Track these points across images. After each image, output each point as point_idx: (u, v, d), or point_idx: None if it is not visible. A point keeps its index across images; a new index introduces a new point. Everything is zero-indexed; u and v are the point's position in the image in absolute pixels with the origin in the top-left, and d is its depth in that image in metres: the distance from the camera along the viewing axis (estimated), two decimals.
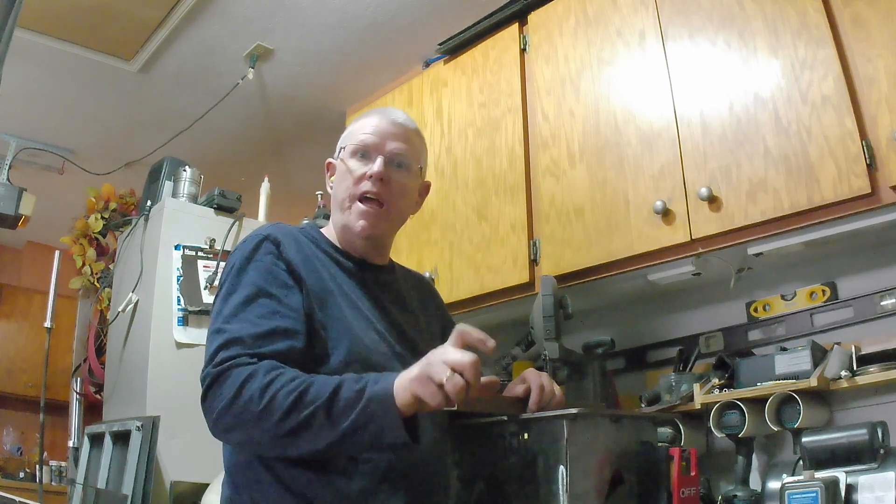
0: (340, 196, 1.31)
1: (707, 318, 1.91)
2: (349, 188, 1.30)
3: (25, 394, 4.84)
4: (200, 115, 3.17)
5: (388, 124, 1.33)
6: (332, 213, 1.36)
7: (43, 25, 2.67)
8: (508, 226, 2.03)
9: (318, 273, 1.24)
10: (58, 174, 3.67)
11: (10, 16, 1.49)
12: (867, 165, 1.39)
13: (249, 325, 1.11)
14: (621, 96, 1.86)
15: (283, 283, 1.18)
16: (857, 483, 1.29)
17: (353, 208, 1.29)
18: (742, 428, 1.56)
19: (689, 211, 1.64)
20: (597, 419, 1.35)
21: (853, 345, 1.55)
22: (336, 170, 1.36)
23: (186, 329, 2.21)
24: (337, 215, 1.33)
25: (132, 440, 1.97)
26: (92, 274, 3.23)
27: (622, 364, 2.05)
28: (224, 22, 2.67)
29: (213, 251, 2.34)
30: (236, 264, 1.20)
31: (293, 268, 1.20)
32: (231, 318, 1.13)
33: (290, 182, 3.68)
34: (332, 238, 1.35)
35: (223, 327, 1.12)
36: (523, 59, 2.15)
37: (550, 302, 1.75)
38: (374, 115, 1.35)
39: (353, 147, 1.31)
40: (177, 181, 2.49)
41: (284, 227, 1.29)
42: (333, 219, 1.36)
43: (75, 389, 3.21)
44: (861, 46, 1.45)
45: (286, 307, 1.15)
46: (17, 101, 3.11)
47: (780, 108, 1.54)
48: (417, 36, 2.69)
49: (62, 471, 4.44)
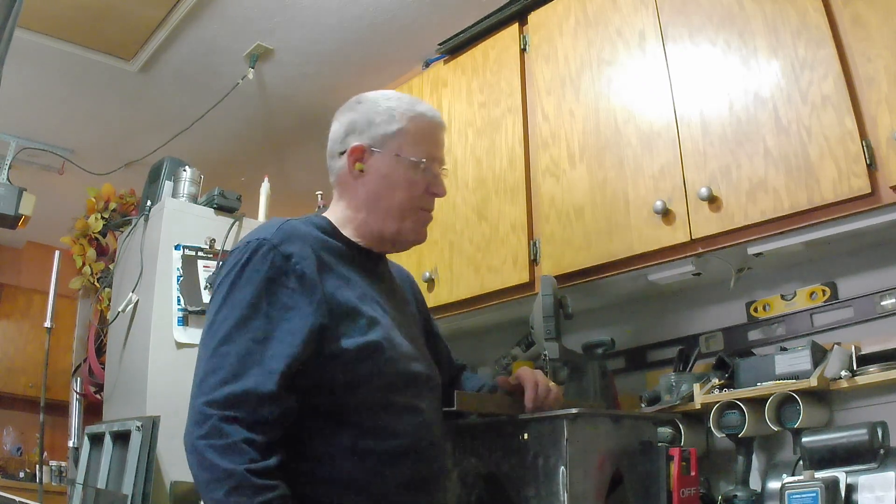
0: (392, 203, 1.25)
1: (707, 318, 1.91)
2: (412, 199, 1.26)
3: (25, 394, 4.83)
4: (200, 115, 3.17)
5: (443, 132, 1.33)
6: (363, 212, 1.26)
7: (43, 25, 2.67)
8: (508, 226, 2.03)
9: (336, 272, 1.18)
10: (58, 174, 3.67)
11: (10, 16, 1.49)
12: (867, 165, 1.39)
13: (258, 376, 1.04)
14: (621, 96, 1.86)
15: (283, 304, 1.10)
16: (857, 483, 1.29)
17: (417, 218, 1.28)
18: (742, 428, 1.56)
19: (689, 211, 1.64)
20: (597, 419, 1.35)
21: (853, 345, 1.55)
22: (381, 167, 1.25)
23: (186, 329, 2.21)
24: (374, 220, 1.26)
25: (132, 440, 1.97)
26: (92, 274, 3.23)
27: (622, 364, 2.05)
28: (224, 22, 2.67)
29: (213, 251, 2.34)
30: (232, 273, 1.12)
31: (305, 278, 1.12)
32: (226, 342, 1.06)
33: (290, 182, 3.69)
34: (342, 229, 1.27)
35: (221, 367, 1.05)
36: (523, 59, 2.15)
37: (550, 302, 1.75)
38: (432, 121, 1.31)
39: (419, 161, 1.25)
40: (177, 181, 2.49)
41: (290, 226, 1.18)
42: (363, 218, 1.26)
43: (75, 389, 3.21)
44: (861, 46, 1.45)
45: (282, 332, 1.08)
46: (17, 101, 3.11)
47: (780, 108, 1.54)
48: (417, 36, 2.69)
49: (62, 471, 4.44)
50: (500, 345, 2.28)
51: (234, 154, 3.64)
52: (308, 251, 1.15)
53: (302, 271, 1.12)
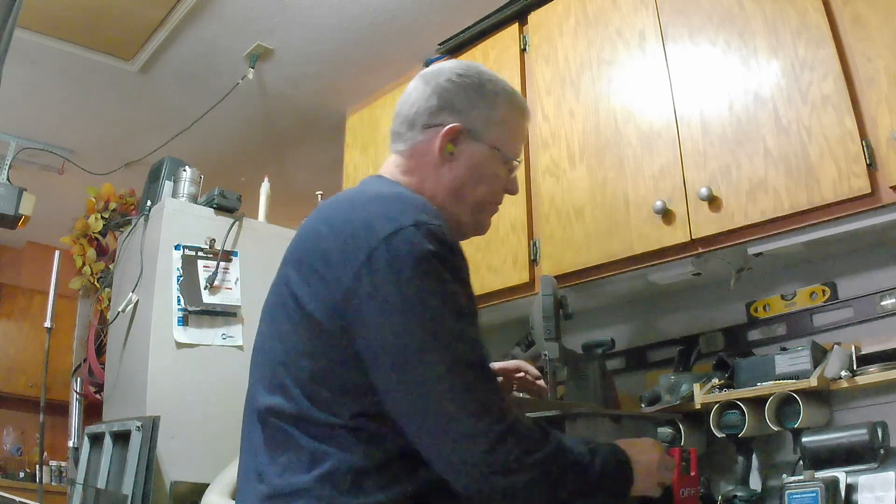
0: (476, 197, 1.17)
1: (707, 318, 1.91)
2: (493, 194, 1.20)
3: (25, 394, 4.83)
4: (200, 115, 3.17)
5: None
6: (441, 196, 1.15)
7: (43, 25, 2.67)
8: (508, 226, 2.03)
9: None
10: (58, 174, 3.67)
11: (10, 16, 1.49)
12: (867, 165, 1.39)
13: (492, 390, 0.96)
14: (621, 96, 1.86)
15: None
16: (857, 483, 1.29)
17: (490, 212, 1.23)
18: (742, 428, 1.56)
19: (689, 211, 1.64)
20: (597, 419, 1.35)
21: (853, 345, 1.55)
22: (473, 156, 1.16)
23: (186, 329, 2.21)
24: (455, 204, 1.16)
25: (132, 440, 1.97)
26: (92, 274, 3.23)
27: (622, 364, 2.05)
28: (224, 22, 2.67)
29: (213, 251, 2.34)
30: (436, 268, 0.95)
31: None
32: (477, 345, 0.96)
33: (290, 182, 3.68)
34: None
35: (477, 360, 0.95)
36: (523, 59, 2.15)
37: (550, 302, 1.75)
38: (526, 116, 1.25)
39: (512, 158, 1.20)
40: (177, 181, 2.49)
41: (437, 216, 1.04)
42: (440, 202, 1.14)
43: (75, 389, 3.21)
44: (861, 46, 1.45)
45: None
46: (17, 101, 3.11)
47: (780, 108, 1.54)
48: (417, 36, 2.69)
49: (62, 471, 4.45)
50: (500, 345, 2.27)
51: (234, 154, 3.63)
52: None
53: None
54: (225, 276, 2.33)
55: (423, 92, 1.17)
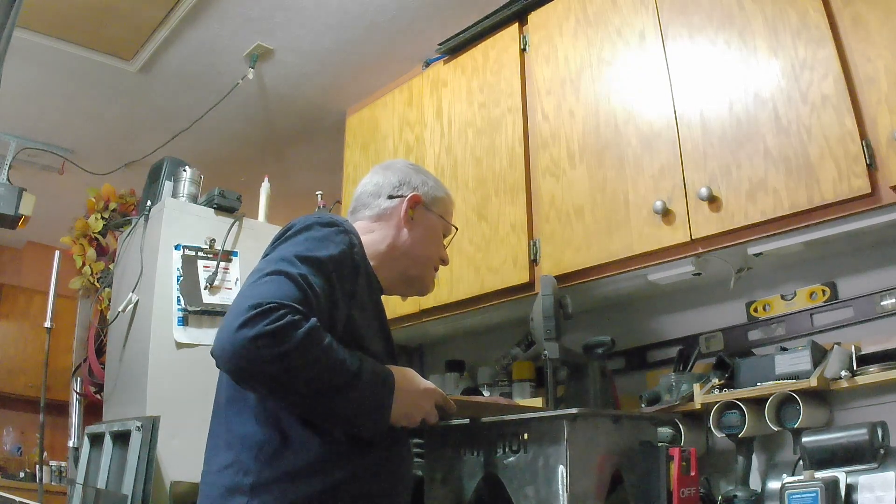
0: (428, 253, 1.43)
1: (707, 318, 1.91)
2: (437, 256, 1.46)
3: (25, 394, 4.84)
4: (200, 115, 3.17)
5: None
6: (399, 252, 1.39)
7: (43, 25, 2.67)
8: (508, 226, 2.03)
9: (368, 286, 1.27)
10: (58, 174, 3.67)
11: (10, 16, 1.49)
12: (867, 165, 1.39)
13: (303, 287, 1.09)
14: (621, 96, 1.86)
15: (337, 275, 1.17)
16: (857, 483, 1.29)
17: (434, 272, 1.47)
18: (742, 428, 1.56)
19: (689, 211, 1.64)
20: (597, 419, 1.35)
21: (853, 345, 1.55)
22: (427, 221, 1.44)
23: (186, 329, 2.21)
24: (405, 261, 1.40)
25: (132, 440, 1.97)
26: (92, 274, 3.23)
27: (622, 364, 2.05)
28: (224, 22, 2.67)
29: (213, 251, 2.34)
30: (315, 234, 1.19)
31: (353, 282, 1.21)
32: (291, 265, 1.11)
33: (290, 182, 3.68)
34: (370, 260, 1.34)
35: (284, 269, 1.09)
36: (523, 59, 2.15)
37: (550, 302, 1.75)
38: (452, 202, 1.55)
39: (452, 227, 1.51)
40: (177, 181, 2.49)
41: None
42: (397, 256, 1.39)
43: (75, 389, 3.21)
44: (861, 46, 1.45)
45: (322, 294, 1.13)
46: (17, 101, 3.11)
47: (780, 108, 1.54)
48: (417, 36, 2.69)
49: (62, 471, 4.45)
50: (500, 345, 2.28)
51: (234, 154, 3.64)
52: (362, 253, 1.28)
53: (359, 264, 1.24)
54: (225, 276, 2.34)
55: (384, 175, 1.46)
